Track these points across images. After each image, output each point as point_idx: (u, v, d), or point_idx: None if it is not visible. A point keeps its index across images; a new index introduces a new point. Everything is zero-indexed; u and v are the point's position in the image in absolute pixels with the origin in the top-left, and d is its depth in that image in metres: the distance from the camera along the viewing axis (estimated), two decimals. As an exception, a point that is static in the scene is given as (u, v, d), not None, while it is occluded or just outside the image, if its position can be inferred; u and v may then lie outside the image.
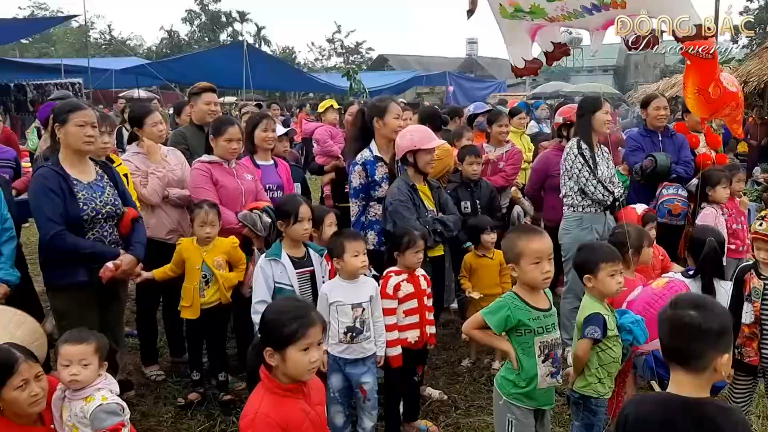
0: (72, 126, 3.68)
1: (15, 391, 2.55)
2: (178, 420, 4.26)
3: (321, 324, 2.42)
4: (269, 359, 2.36)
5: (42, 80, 18.83)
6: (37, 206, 3.67)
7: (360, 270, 3.69)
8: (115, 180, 3.98)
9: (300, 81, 28.41)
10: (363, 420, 3.86)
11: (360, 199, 4.51)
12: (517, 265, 3.00)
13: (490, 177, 5.99)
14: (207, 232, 4.25)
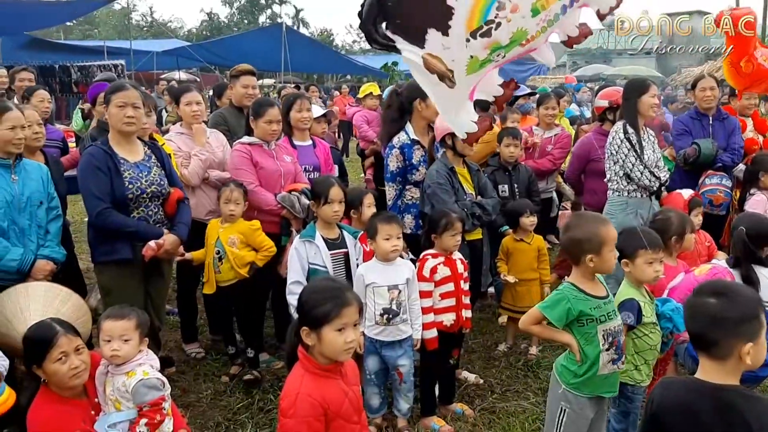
0: (113, 107, 3.77)
1: (55, 363, 2.62)
2: (217, 397, 4.34)
3: (357, 305, 2.42)
4: (306, 338, 2.37)
5: (86, 62, 19.14)
6: (84, 184, 3.77)
7: (390, 254, 3.68)
8: (162, 160, 4.04)
9: (338, 63, 28.42)
10: (399, 402, 3.89)
11: (396, 183, 4.49)
12: (598, 254, 2.89)
13: (537, 160, 5.91)
14: (231, 209, 4.31)
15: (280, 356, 4.91)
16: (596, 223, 2.96)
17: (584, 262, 2.92)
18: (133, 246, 3.80)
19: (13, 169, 3.69)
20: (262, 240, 4.39)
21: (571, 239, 2.99)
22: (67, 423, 2.60)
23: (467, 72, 3.17)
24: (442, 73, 3.10)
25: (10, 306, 3.35)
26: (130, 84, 3.96)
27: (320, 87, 18.01)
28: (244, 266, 4.34)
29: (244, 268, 4.34)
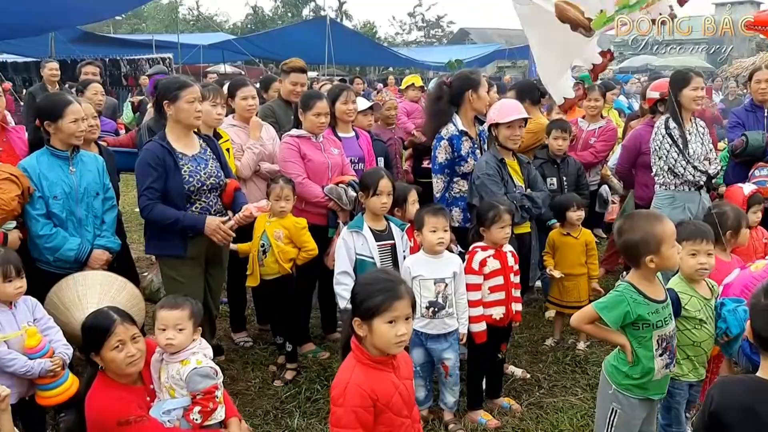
0: (184, 103, 3.82)
1: (112, 351, 2.69)
2: (265, 385, 4.40)
3: (409, 299, 2.41)
4: (358, 329, 2.38)
5: (135, 56, 19.55)
6: (138, 179, 3.85)
7: (436, 246, 3.67)
8: (217, 152, 4.10)
9: (380, 56, 28.42)
10: (445, 395, 3.88)
11: (444, 175, 4.48)
12: (657, 253, 2.77)
13: (579, 152, 5.82)
14: (282, 206, 4.34)
15: (325, 347, 4.96)
16: (650, 222, 2.83)
17: (644, 263, 2.81)
18: (184, 241, 3.84)
19: (71, 161, 3.78)
20: (305, 240, 4.41)
21: (626, 243, 2.86)
22: (123, 408, 2.66)
23: (594, 26, 3.11)
24: (578, 21, 3.03)
25: (69, 294, 3.46)
26: (191, 80, 4.02)
27: (365, 79, 18.00)
28: (287, 261, 4.37)
29: (288, 264, 4.38)
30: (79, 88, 6.23)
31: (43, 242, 3.66)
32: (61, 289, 3.50)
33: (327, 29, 18.72)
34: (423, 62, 28.96)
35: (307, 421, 3.94)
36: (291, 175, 4.56)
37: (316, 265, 4.65)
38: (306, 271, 4.80)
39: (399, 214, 4.25)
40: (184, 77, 4.12)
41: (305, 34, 20.29)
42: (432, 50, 37.40)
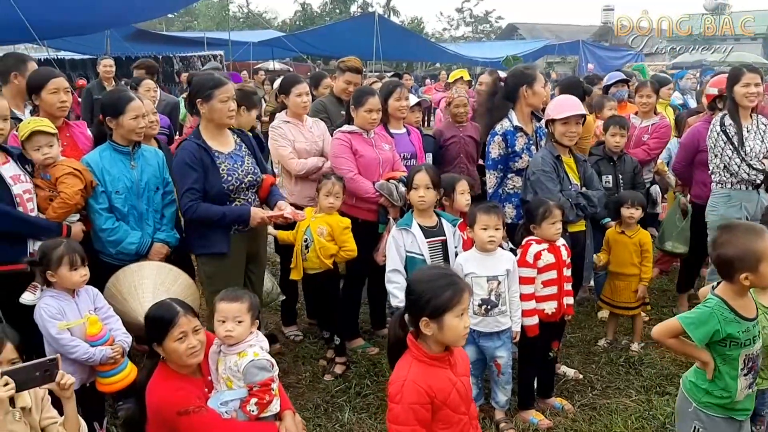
0: (217, 102, 3.79)
1: (175, 342, 2.74)
2: (316, 379, 4.44)
3: (469, 290, 2.44)
4: (425, 329, 2.37)
5: (187, 53, 19.90)
6: (178, 178, 3.82)
7: (487, 245, 3.64)
8: (252, 148, 4.10)
9: (428, 51, 28.34)
10: (497, 394, 3.85)
11: (498, 171, 4.43)
12: (755, 271, 2.60)
13: (632, 150, 5.70)
14: (330, 202, 4.37)
15: (374, 342, 4.98)
16: (750, 237, 2.64)
17: (738, 280, 2.65)
18: (228, 238, 3.85)
19: (132, 156, 3.86)
20: (346, 239, 4.42)
21: (722, 257, 2.70)
22: (183, 398, 2.71)
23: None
24: None
25: (126, 284, 3.55)
26: (226, 77, 4.02)
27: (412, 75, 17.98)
28: (328, 257, 4.38)
29: (328, 259, 4.40)
30: (132, 85, 6.36)
31: (105, 236, 3.75)
32: (118, 280, 3.59)
33: (375, 25, 18.74)
34: (471, 58, 28.77)
35: (358, 416, 3.96)
36: (342, 170, 4.58)
37: (365, 261, 4.66)
38: (355, 266, 4.82)
39: (447, 203, 4.23)
40: (218, 75, 4.12)
41: (353, 31, 20.37)
42: (480, 46, 37.10)
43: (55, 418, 2.70)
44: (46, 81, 3.97)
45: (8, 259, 3.43)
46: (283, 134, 4.86)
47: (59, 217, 3.58)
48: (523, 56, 25.92)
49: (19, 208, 3.45)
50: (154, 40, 21.21)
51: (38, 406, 2.65)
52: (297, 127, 4.95)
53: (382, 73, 14.08)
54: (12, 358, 2.59)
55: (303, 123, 4.99)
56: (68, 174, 3.57)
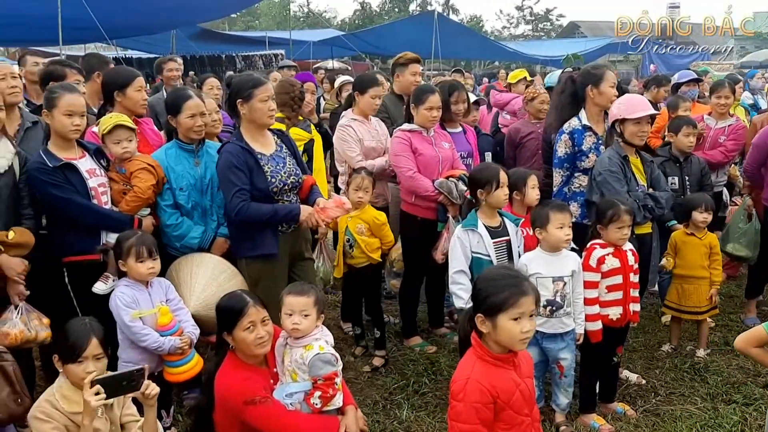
0: (257, 102, 3.75)
1: (244, 331, 2.82)
2: (374, 376, 4.47)
3: (534, 295, 2.39)
4: (480, 326, 2.37)
5: (249, 52, 20.30)
6: (223, 181, 3.75)
7: (563, 243, 3.60)
8: (293, 149, 4.08)
9: (487, 50, 28.09)
10: (558, 396, 3.81)
11: (564, 169, 4.38)
12: None
13: (707, 152, 5.54)
14: (360, 196, 4.47)
15: (432, 341, 4.98)
16: None
17: None
18: (276, 239, 3.83)
19: (196, 154, 3.96)
20: (385, 233, 4.57)
21: None
22: (250, 388, 2.78)
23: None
24: None
25: (184, 272, 3.65)
26: (265, 78, 4.03)
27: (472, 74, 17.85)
28: (375, 251, 4.53)
29: (376, 253, 4.54)
30: (197, 83, 6.51)
31: (170, 231, 3.86)
32: (179, 265, 3.69)
33: (434, 24, 18.68)
34: (531, 56, 28.42)
35: (416, 414, 3.97)
36: (401, 168, 4.60)
37: (423, 259, 4.67)
38: (414, 265, 4.84)
39: (518, 198, 4.19)
40: (257, 75, 4.12)
41: (412, 29, 20.36)
42: (540, 44, 36.58)
43: (134, 416, 2.81)
44: (132, 79, 4.14)
45: (83, 250, 3.57)
46: (352, 134, 4.92)
47: (131, 210, 3.70)
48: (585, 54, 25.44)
49: (93, 201, 3.58)
50: (217, 40, 21.67)
51: (119, 403, 2.77)
52: (364, 125, 5.00)
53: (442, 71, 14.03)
54: (97, 353, 2.68)
55: (369, 121, 5.05)
56: (142, 169, 3.70)
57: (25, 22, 12.56)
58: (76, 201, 3.50)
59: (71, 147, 3.60)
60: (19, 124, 3.97)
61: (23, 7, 11.64)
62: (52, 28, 10.91)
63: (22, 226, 3.44)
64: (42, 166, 3.46)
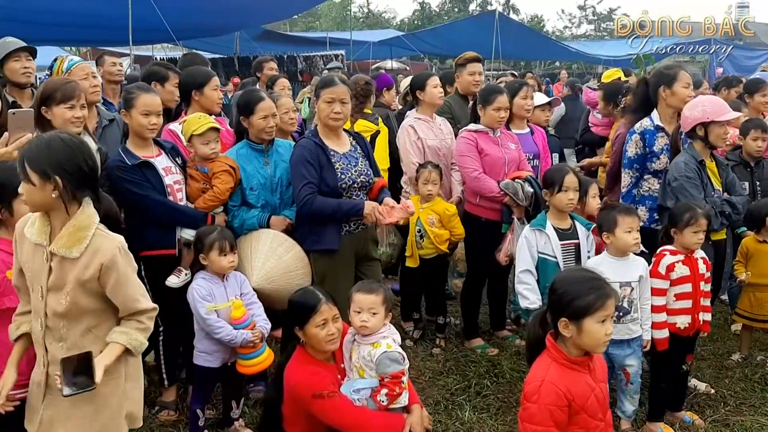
0: (322, 102, 3.86)
1: (316, 328, 2.89)
2: (435, 376, 4.48)
3: (615, 297, 2.41)
4: (563, 330, 2.37)
5: (310, 52, 20.53)
6: (294, 175, 3.86)
7: (631, 247, 3.54)
8: (366, 151, 4.13)
9: (549, 50, 27.67)
10: (623, 403, 3.75)
11: (633, 170, 4.30)
12: None
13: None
14: (429, 189, 4.66)
15: (494, 343, 4.96)
16: None
17: None
18: (339, 234, 3.88)
19: (266, 153, 4.03)
20: (454, 225, 4.70)
21: None
22: (318, 382, 2.84)
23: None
24: None
25: (244, 249, 3.74)
26: (340, 79, 4.05)
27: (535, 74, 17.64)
28: (443, 243, 4.68)
29: (444, 245, 4.69)
30: (269, 84, 6.65)
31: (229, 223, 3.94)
32: (240, 244, 3.75)
33: (495, 23, 18.52)
34: (593, 56, 27.87)
35: (478, 416, 3.97)
36: (467, 169, 4.61)
37: (487, 260, 4.67)
38: (477, 266, 4.84)
39: (579, 207, 4.15)
40: (330, 76, 4.19)
41: (472, 29, 20.25)
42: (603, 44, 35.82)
43: None
44: (210, 78, 4.30)
45: (159, 244, 3.70)
46: (412, 135, 4.97)
47: (207, 209, 3.80)
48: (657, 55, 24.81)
49: (169, 198, 3.70)
50: (279, 40, 21.98)
51: None
52: (428, 124, 5.03)
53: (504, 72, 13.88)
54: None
55: (433, 120, 5.06)
56: (225, 171, 3.79)
57: (95, 23, 12.99)
58: (153, 197, 3.62)
59: (148, 145, 3.74)
60: (97, 121, 4.14)
61: (95, 8, 12.03)
62: (122, 28, 11.24)
63: None
64: (121, 164, 3.60)
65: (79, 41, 19.20)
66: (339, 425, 2.84)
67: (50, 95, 3.39)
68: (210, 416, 3.77)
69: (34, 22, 11.89)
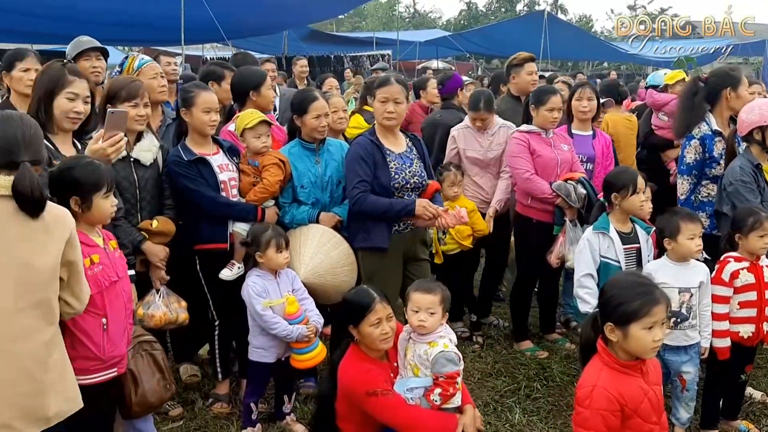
0: (377, 101, 3.88)
1: (371, 327, 2.90)
2: (484, 377, 4.46)
3: (665, 303, 2.36)
4: (609, 334, 2.35)
5: (356, 52, 20.62)
6: (348, 172, 3.90)
7: (695, 254, 3.47)
8: (422, 152, 4.14)
9: (597, 50, 27.24)
10: (678, 410, 3.67)
11: (692, 176, 4.21)
12: None
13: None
14: (455, 191, 4.80)
15: (544, 346, 4.91)
16: None
17: None
18: (389, 234, 3.89)
19: (317, 152, 4.08)
20: (475, 221, 4.75)
21: None
22: (372, 380, 2.86)
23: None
24: None
25: (292, 244, 3.77)
26: (395, 78, 4.04)
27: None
28: (466, 238, 4.75)
29: (467, 240, 4.76)
30: (317, 83, 6.72)
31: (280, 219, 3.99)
32: (291, 236, 3.78)
33: (544, 24, 18.31)
34: (643, 57, 27.33)
35: (528, 419, 3.94)
36: (518, 170, 4.57)
37: (537, 262, 4.62)
38: (527, 267, 4.80)
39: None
40: (386, 75, 4.20)
41: (520, 29, 20.06)
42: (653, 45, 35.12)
43: None
44: (265, 78, 4.40)
45: (212, 238, 3.78)
46: (453, 143, 5.01)
47: (258, 202, 3.86)
48: (699, 56, 24.20)
49: (222, 193, 3.77)
50: (326, 40, 22.12)
51: None
52: (474, 134, 4.97)
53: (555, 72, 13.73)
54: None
55: (484, 131, 4.95)
56: (274, 164, 3.85)
57: (148, 23, 13.26)
58: (204, 193, 3.70)
59: (207, 143, 3.82)
60: (161, 120, 4.23)
61: (147, 8, 12.29)
62: (175, 28, 11.46)
63: (164, 215, 3.66)
64: (178, 159, 3.69)
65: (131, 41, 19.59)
66: (392, 423, 2.85)
67: (116, 93, 3.50)
68: (262, 410, 3.83)
69: (88, 21, 12.15)
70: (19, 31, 13.52)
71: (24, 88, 3.84)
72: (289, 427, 3.73)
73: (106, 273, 2.73)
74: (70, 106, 3.06)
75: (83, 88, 3.11)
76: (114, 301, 2.76)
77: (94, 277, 2.66)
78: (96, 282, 2.66)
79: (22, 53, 4.00)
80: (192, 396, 4.08)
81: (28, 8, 11.78)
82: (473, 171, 4.98)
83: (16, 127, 2.35)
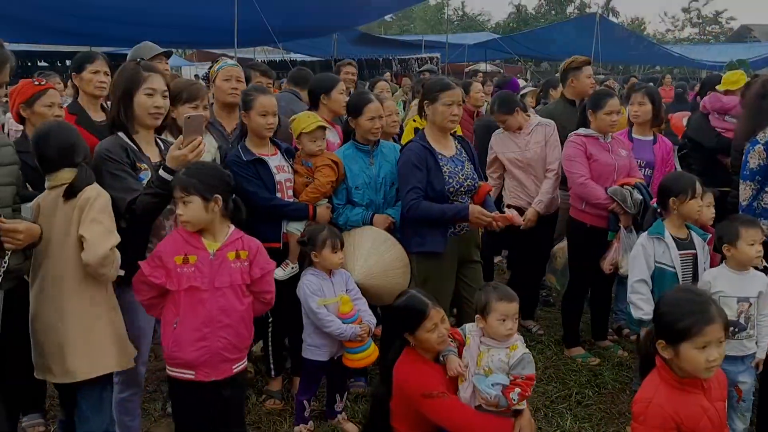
0: (440, 105, 3.87)
1: (428, 332, 2.92)
2: (536, 382, 4.40)
3: (722, 321, 2.27)
4: (662, 351, 2.30)
5: (404, 55, 20.66)
6: (402, 177, 3.92)
7: (755, 261, 3.39)
8: (471, 154, 4.14)
9: (650, 54, 26.69)
10: (733, 420, 3.58)
11: (755, 182, 4.09)
12: None
13: None
14: None
15: (595, 353, 4.86)
16: None
17: None
18: (444, 238, 3.90)
19: (371, 154, 4.12)
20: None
21: None
22: (428, 382, 2.87)
23: None
24: None
25: (347, 245, 3.81)
26: (455, 82, 4.06)
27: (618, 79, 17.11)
28: None
29: None
30: (369, 86, 6.75)
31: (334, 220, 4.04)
32: (345, 238, 3.83)
33: (596, 26, 18.06)
34: (697, 61, 26.68)
35: (580, 425, 3.90)
36: (574, 174, 4.53)
37: (590, 267, 4.57)
38: (579, 273, 4.74)
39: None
40: (448, 79, 4.21)
41: (571, 32, 19.85)
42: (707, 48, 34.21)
43: None
44: (337, 82, 4.54)
45: (267, 238, 3.78)
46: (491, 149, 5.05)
47: (310, 201, 3.92)
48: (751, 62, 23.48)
49: (278, 194, 3.85)
50: (375, 43, 22.25)
51: None
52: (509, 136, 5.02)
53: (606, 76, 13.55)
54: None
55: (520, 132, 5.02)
56: (326, 165, 3.92)
57: (201, 25, 13.53)
58: (257, 194, 3.77)
59: (265, 144, 3.90)
60: (237, 123, 4.28)
61: (201, 10, 12.54)
62: (227, 31, 11.66)
63: None
64: (237, 160, 3.78)
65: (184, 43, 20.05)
66: (448, 425, 2.85)
67: (177, 95, 3.60)
68: (314, 408, 3.88)
69: (142, 23, 12.49)
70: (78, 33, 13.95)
71: (93, 89, 3.99)
72: (341, 426, 3.78)
73: (196, 276, 2.77)
74: (150, 102, 3.10)
75: (160, 82, 3.14)
76: (195, 307, 2.76)
77: (180, 275, 2.75)
78: (179, 280, 2.76)
79: (91, 56, 4.14)
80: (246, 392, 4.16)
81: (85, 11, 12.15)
82: (515, 172, 5.02)
83: (75, 134, 2.94)
